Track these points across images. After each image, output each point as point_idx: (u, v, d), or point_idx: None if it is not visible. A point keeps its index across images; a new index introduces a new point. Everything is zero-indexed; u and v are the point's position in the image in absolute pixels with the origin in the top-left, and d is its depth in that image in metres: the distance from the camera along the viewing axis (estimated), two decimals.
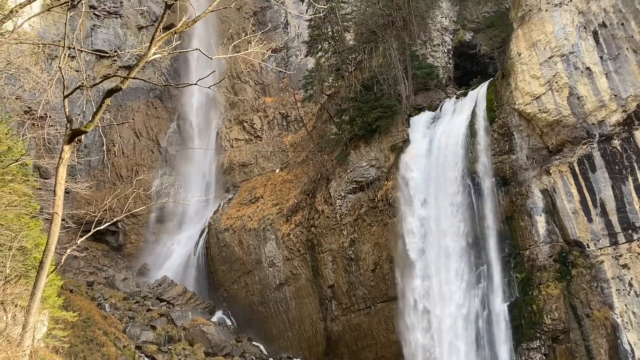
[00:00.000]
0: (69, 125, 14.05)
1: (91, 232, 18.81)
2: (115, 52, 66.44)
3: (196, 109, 70.88)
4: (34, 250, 23.03)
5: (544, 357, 34.57)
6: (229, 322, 53.61)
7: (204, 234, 59.67)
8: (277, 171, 61.47)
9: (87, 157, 61.08)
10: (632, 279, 33.63)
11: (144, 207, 29.53)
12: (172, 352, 43.51)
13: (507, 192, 38.30)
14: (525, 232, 37.03)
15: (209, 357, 44.78)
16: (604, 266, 34.31)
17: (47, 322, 24.24)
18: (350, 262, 45.69)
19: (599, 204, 34.85)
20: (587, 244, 35.01)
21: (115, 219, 20.89)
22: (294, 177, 57.03)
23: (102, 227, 19.82)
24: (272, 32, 69.05)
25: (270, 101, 68.54)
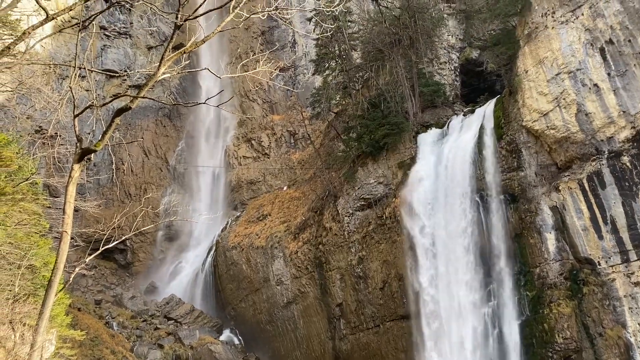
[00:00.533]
0: (78, 144, 14.14)
1: (100, 251, 18.80)
2: (125, 71, 67.34)
3: (204, 128, 71.44)
4: (42, 268, 23.12)
5: None
6: (237, 341, 53.17)
7: (212, 252, 59.55)
8: (285, 189, 61.48)
9: (97, 175, 61.51)
10: None
11: (152, 225, 29.58)
12: None
13: (516, 209, 38.06)
14: (535, 250, 36.70)
15: None
16: (615, 284, 33.86)
17: (55, 341, 24.19)
18: (358, 280, 45.36)
19: (609, 221, 34.52)
20: (598, 262, 34.62)
21: (123, 237, 20.87)
22: (301, 195, 57.00)
23: (110, 245, 19.77)
24: (279, 51, 69.65)
25: (278, 119, 68.87)
